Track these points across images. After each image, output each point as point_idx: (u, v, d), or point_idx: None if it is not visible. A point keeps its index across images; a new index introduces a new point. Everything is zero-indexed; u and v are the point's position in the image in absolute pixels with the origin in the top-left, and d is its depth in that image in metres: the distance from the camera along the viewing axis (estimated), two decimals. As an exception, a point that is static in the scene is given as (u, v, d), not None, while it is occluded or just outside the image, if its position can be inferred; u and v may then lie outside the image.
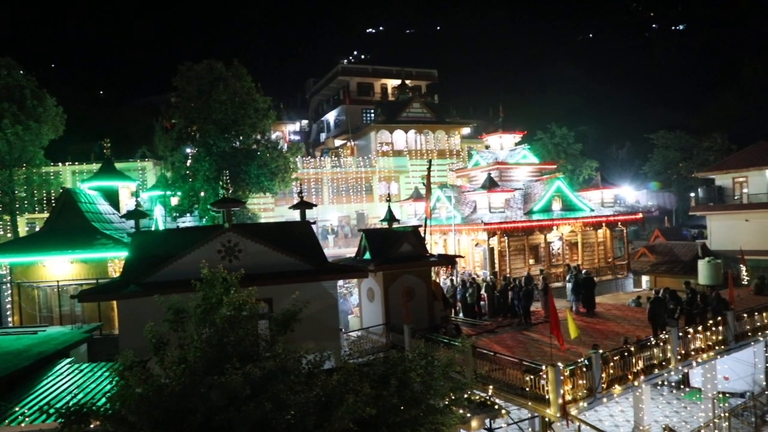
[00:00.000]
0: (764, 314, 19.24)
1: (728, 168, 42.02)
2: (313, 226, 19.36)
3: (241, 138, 30.71)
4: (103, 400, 9.01)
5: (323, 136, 62.08)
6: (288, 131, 54.85)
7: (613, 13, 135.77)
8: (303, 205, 19.30)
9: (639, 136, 69.49)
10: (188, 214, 30.17)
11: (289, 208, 21.29)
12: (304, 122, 69.27)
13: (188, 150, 31.10)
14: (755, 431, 18.56)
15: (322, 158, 44.64)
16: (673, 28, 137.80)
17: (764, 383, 20.36)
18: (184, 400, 7.68)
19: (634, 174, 68.18)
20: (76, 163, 36.58)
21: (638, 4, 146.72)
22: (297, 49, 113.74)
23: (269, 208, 39.96)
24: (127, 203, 27.49)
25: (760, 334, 18.78)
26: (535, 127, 54.64)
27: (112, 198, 26.08)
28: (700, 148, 58.73)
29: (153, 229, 25.66)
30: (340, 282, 26.82)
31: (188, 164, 30.03)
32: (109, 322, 20.30)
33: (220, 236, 15.79)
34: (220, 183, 25.21)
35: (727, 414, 17.94)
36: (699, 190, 44.66)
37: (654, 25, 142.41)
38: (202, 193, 29.55)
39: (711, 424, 17.45)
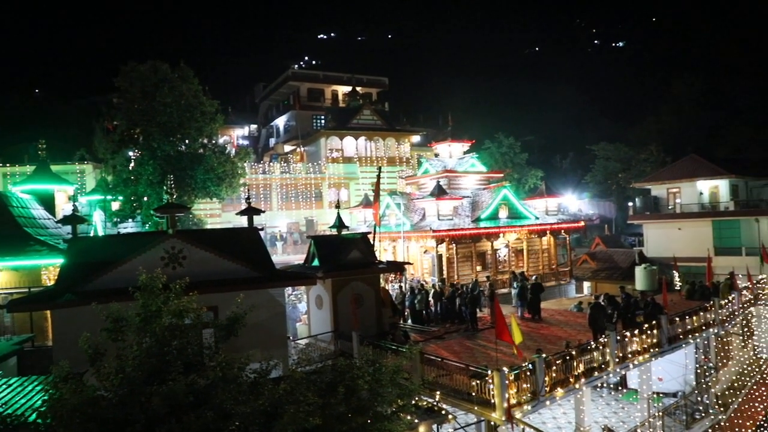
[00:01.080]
0: (694, 318, 20.24)
1: (663, 179, 44.20)
2: (261, 233, 19.08)
3: (187, 142, 29.96)
4: (34, 416, 8.55)
5: (273, 141, 61.40)
6: (236, 136, 54.01)
7: (557, 29, 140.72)
8: (251, 211, 19.00)
9: (581, 147, 72.13)
10: (130, 220, 29.16)
11: (237, 214, 20.91)
12: (253, 127, 68.35)
13: (131, 153, 30.08)
14: (686, 428, 19.46)
15: (271, 164, 44.09)
16: (613, 44, 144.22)
17: (694, 383, 21.40)
18: (123, 410, 7.39)
19: (577, 183, 70.61)
20: (8, 165, 34.74)
21: (581, 21, 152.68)
22: (246, 53, 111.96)
23: (216, 214, 39.12)
24: (63, 208, 26.31)
25: (690, 336, 19.75)
26: (483, 137, 55.88)
27: (48, 202, 24.89)
28: (638, 160, 61.43)
29: (92, 234, 24.65)
30: (289, 289, 26.54)
31: (131, 168, 29.03)
32: (43, 333, 19.32)
33: (163, 242, 15.31)
34: (165, 188, 24.48)
35: (660, 413, 18.74)
36: (636, 199, 46.77)
37: (596, 42, 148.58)
38: (145, 198, 28.63)
39: (646, 423, 18.16)
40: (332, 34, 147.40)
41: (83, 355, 8.70)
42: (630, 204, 48.15)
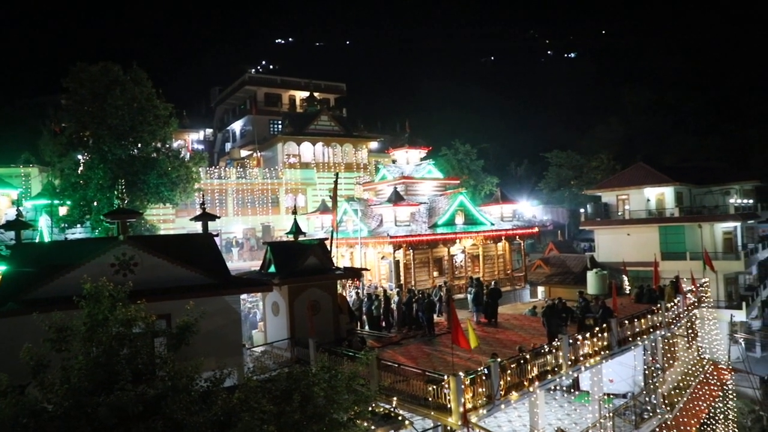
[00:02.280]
0: (642, 320, 20.97)
1: (612, 186, 45.72)
2: (217, 239, 18.72)
3: (139, 145, 29.17)
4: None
5: (229, 146, 60.42)
6: (191, 140, 52.90)
7: (513, 39, 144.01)
8: (205, 217, 18.62)
9: (536, 154, 73.93)
10: (79, 225, 28.13)
11: (191, 219, 20.45)
12: (209, 131, 67.05)
13: (80, 156, 29.05)
14: (635, 428, 20.10)
15: (227, 169, 43.35)
16: (565, 55, 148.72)
17: (643, 384, 22.13)
18: (67, 423, 7.10)
19: (531, 190, 72.23)
20: (-54, 167, 33.05)
21: (535, 32, 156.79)
22: (202, 57, 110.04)
23: (169, 220, 38.16)
24: (6, 212, 25.17)
25: (639, 338, 20.44)
26: (440, 143, 56.47)
27: (-11, 207, 23.78)
28: (589, 167, 63.37)
29: (37, 241, 23.65)
30: (245, 296, 26.13)
31: (80, 172, 28.04)
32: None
33: (113, 249, 14.81)
34: (116, 192, 23.74)
35: (611, 414, 19.28)
36: (588, 206, 48.21)
37: (549, 52, 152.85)
38: (95, 203, 27.69)
39: (597, 424, 18.66)
40: (290, 39, 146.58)
41: (26, 366, 8.31)
42: (582, 210, 49.61)
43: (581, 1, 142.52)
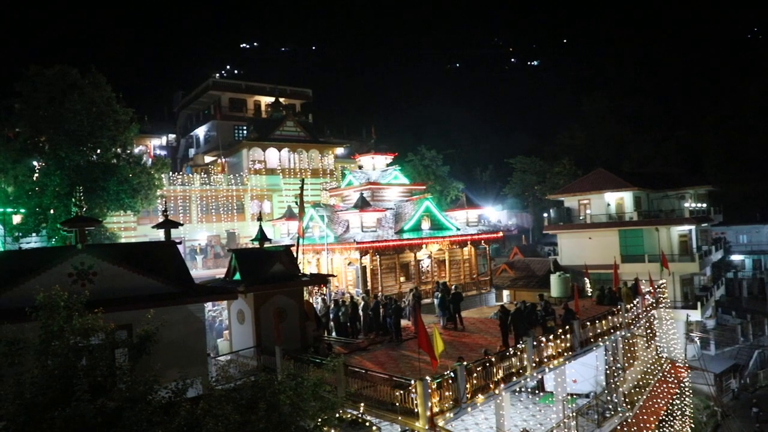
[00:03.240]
0: (603, 322, 21.48)
1: (574, 191, 46.73)
2: (180, 246, 18.38)
3: (98, 151, 28.50)
4: None
5: (192, 151, 59.44)
6: (153, 145, 51.89)
7: (478, 46, 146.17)
8: (168, 224, 18.27)
9: (500, 160, 75.06)
10: (34, 234, 27.21)
11: (153, 227, 20.04)
12: (172, 137, 65.85)
13: (35, 162, 28.15)
14: (597, 427, 20.54)
15: (189, 175, 42.61)
16: (529, 63, 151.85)
17: (604, 383, 22.65)
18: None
19: (496, 195, 73.29)
20: None
21: (499, 40, 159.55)
22: (164, 61, 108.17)
23: (131, 227, 37.30)
24: (-44, 222, 24.19)
25: (600, 339, 20.92)
26: (406, 149, 56.87)
27: (-63, 216, 22.82)
28: (552, 173, 64.68)
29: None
30: (209, 305, 25.70)
31: (35, 178, 27.16)
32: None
33: (71, 258, 14.40)
34: (73, 200, 23.09)
35: (574, 413, 19.67)
36: (551, 210, 49.10)
37: (513, 60, 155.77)
38: (52, 211, 26.85)
39: (561, 424, 19.00)
40: (255, 44, 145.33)
41: None
42: (545, 215, 50.50)
43: (543, 10, 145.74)
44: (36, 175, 27.31)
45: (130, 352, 8.99)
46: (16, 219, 27.60)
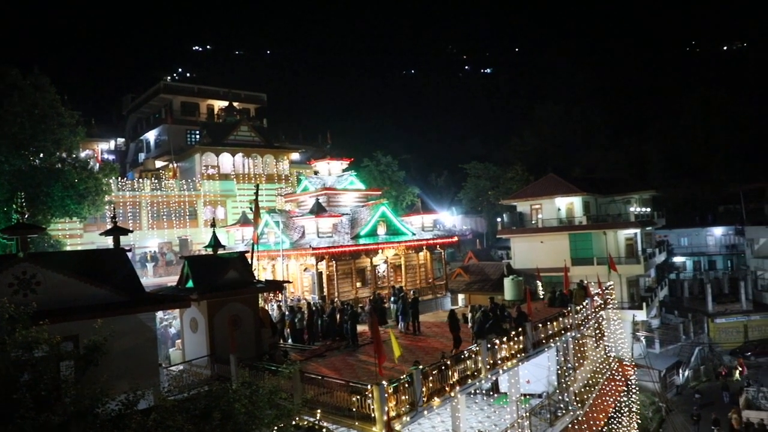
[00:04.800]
0: (555, 323, 22.09)
1: (526, 196, 47.89)
2: (130, 254, 17.86)
3: (41, 155, 27.34)
4: None
5: (142, 156, 57.79)
6: (101, 150, 50.13)
7: (432, 53, 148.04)
8: (117, 231, 17.73)
9: (455, 165, 76.14)
10: (-30, 243, 25.85)
11: (101, 234, 19.41)
12: (121, 141, 63.86)
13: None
14: (550, 425, 21.08)
15: (134, 180, 41.32)
16: (482, 70, 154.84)
17: (556, 383, 23.27)
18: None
19: (451, 200, 74.26)
20: None
21: (453, 47, 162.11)
22: (112, 63, 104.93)
23: (77, 234, 35.93)
24: None
25: (552, 340, 21.50)
26: (362, 155, 56.97)
27: None
28: (505, 178, 66.02)
29: None
30: (161, 313, 25.00)
31: (-29, 184, 25.84)
32: None
33: (12, 267, 13.78)
34: (14, 206, 22.08)
35: (528, 413, 20.12)
36: (504, 215, 50.18)
37: (466, 67, 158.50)
38: (-10, 218, 25.59)
39: (515, 425, 19.39)
40: (207, 47, 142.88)
41: None
42: (499, 219, 51.53)
43: (496, 19, 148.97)
44: (-27, 180, 25.97)
45: (77, 363, 8.67)
46: (-49, 227, 26.17)
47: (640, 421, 31.94)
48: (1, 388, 7.41)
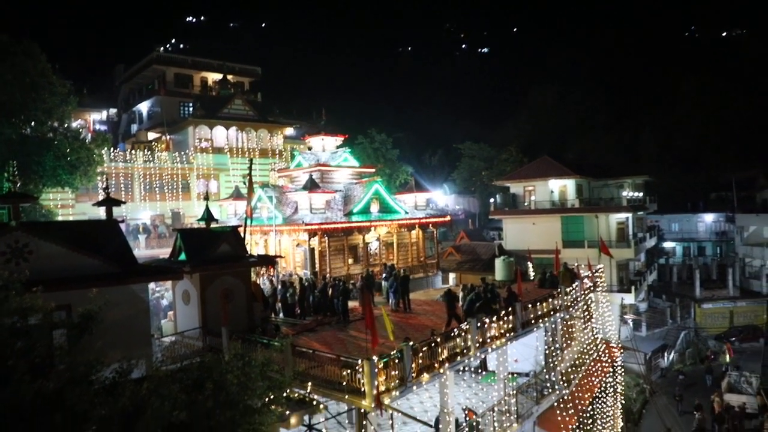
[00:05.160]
0: (544, 304, 22.33)
1: (520, 178, 48.00)
2: (122, 225, 17.81)
3: (33, 124, 27.03)
4: None
5: (135, 127, 57.20)
6: (93, 120, 49.64)
7: (429, 30, 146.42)
8: (109, 202, 17.64)
9: (449, 145, 76.07)
10: (-40, 211, 25.66)
11: (93, 204, 19.34)
12: (113, 111, 63.11)
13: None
14: (536, 404, 21.46)
15: (124, 152, 40.95)
16: (479, 50, 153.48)
17: (543, 363, 23.63)
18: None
19: (444, 179, 74.30)
20: None
21: (450, 25, 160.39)
22: (105, 32, 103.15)
23: (69, 205, 35.74)
24: None
25: (540, 321, 21.77)
26: (357, 132, 56.74)
27: None
28: (499, 159, 66.12)
29: None
30: (153, 285, 25.05)
31: (-39, 152, 25.57)
32: None
33: (4, 236, 13.73)
34: (5, 175, 21.88)
35: (515, 392, 20.45)
36: (497, 196, 50.35)
37: (463, 46, 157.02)
38: (-20, 187, 25.38)
39: (502, 402, 19.72)
40: (202, 18, 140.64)
41: None
42: (491, 200, 51.69)
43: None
44: (-38, 148, 25.69)
45: (71, 332, 8.71)
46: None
47: (624, 402, 32.56)
48: (-1, 353, 7.46)
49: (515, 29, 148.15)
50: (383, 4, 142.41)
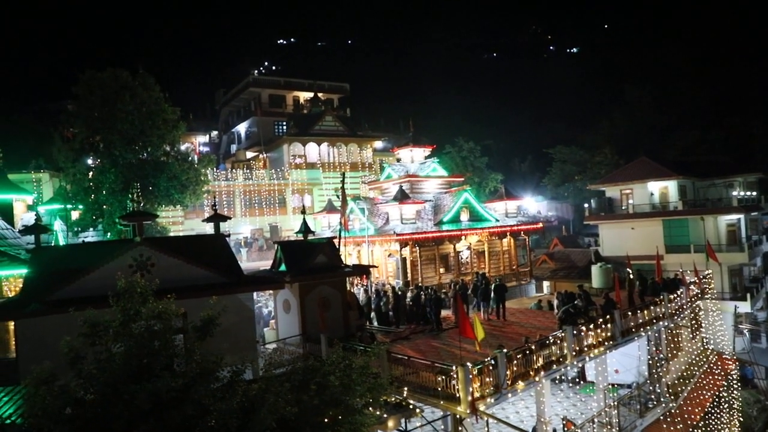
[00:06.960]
0: (645, 312, 21.39)
1: (616, 181, 46.01)
2: (228, 239, 19.26)
3: (149, 149, 29.75)
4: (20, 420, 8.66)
5: (234, 147, 61.01)
6: (198, 142, 53.53)
7: (514, 35, 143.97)
8: (217, 218, 19.16)
9: (539, 150, 74.14)
10: (91, 229, 28.73)
11: (203, 221, 21.01)
12: (214, 133, 67.71)
13: (90, 161, 29.67)
14: (640, 417, 20.52)
15: (233, 170, 43.88)
16: (568, 50, 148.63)
17: (647, 374, 22.55)
18: (106, 409, 7.66)
19: (535, 186, 72.50)
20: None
21: (537, 27, 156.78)
22: (206, 59, 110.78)
23: (178, 221, 38.80)
24: (22, 217, 25.78)
25: (642, 329, 20.86)
26: (444, 141, 56.92)
27: (6, 212, 24.37)
28: (593, 162, 63.56)
29: (53, 244, 24.26)
30: (255, 295, 26.66)
31: (91, 176, 28.64)
32: (2, 344, 18.97)
33: (131, 250, 15.39)
34: (130, 196, 24.31)
35: (616, 403, 19.72)
36: (592, 201, 48.45)
37: (551, 47, 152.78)
38: (106, 207, 28.27)
39: (602, 413, 19.09)
40: (292, 40, 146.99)
41: (51, 364, 8.79)
42: (586, 205, 49.85)
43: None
44: (92, 173, 28.75)
45: (195, 334, 9.73)
46: (75, 215, 29.15)
47: (742, 419, 30.16)
48: (137, 351, 8.54)
49: (606, 26, 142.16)
50: (466, 12, 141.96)
